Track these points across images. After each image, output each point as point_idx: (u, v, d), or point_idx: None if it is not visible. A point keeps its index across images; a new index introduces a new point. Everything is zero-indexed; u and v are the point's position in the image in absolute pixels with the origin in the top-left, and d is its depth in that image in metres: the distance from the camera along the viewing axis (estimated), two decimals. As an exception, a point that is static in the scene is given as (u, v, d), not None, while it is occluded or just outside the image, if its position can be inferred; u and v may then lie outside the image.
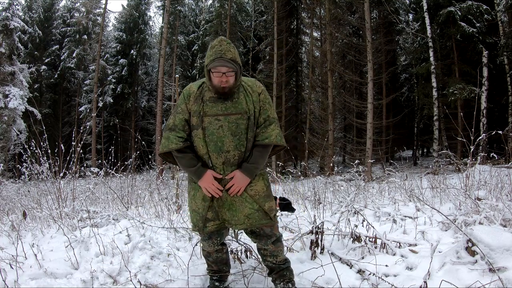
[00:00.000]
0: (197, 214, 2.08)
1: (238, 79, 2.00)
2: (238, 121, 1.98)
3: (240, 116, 1.99)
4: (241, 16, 24.30)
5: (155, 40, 33.51)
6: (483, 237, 2.16)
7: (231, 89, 1.98)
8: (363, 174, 9.85)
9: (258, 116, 2.05)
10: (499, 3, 12.88)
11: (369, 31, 13.18)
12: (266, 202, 2.07)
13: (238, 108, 1.99)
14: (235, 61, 1.93)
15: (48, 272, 2.40)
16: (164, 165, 8.74)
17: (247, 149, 2.02)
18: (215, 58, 1.90)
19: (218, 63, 1.89)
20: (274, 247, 2.14)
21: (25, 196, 5.48)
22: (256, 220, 2.03)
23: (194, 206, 2.09)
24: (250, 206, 2.02)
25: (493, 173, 4.52)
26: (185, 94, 2.07)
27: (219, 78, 1.93)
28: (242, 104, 2.00)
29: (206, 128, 1.98)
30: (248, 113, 2.00)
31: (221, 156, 1.98)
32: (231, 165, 2.00)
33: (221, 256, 2.27)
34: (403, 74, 22.72)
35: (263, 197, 2.06)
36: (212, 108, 1.99)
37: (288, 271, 2.21)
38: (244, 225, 2.03)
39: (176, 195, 4.69)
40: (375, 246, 2.86)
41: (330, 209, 4.52)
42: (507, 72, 12.75)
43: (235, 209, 2.02)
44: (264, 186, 2.09)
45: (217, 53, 1.90)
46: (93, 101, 21.87)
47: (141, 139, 16.74)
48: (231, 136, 1.97)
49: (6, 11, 18.97)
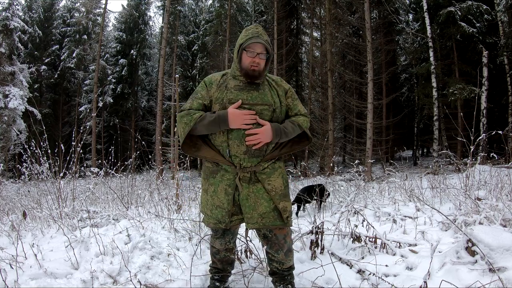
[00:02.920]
0: (222, 210, 2.00)
1: (266, 69, 2.00)
2: (264, 111, 1.95)
3: (266, 107, 1.96)
4: (241, 16, 24.32)
5: (155, 40, 33.52)
6: (483, 237, 2.16)
7: (260, 73, 1.96)
8: (363, 174, 9.85)
9: (287, 111, 2.10)
10: (499, 3, 12.87)
11: (369, 31, 13.17)
12: (282, 201, 2.01)
13: (264, 99, 1.97)
14: (270, 45, 1.96)
15: (48, 272, 2.39)
16: (164, 165, 8.73)
17: (271, 142, 1.96)
18: (252, 36, 1.91)
19: (255, 40, 1.90)
20: (284, 257, 2.09)
21: (25, 196, 5.48)
22: (270, 221, 1.97)
23: (218, 202, 2.00)
24: (266, 204, 1.97)
25: (493, 173, 4.52)
26: (207, 82, 2.05)
27: (251, 58, 1.92)
28: (268, 96, 1.99)
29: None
30: (274, 105, 1.99)
31: (243, 145, 1.92)
32: (252, 156, 1.94)
33: (229, 255, 2.23)
34: (403, 74, 22.72)
35: (280, 195, 2.00)
36: (237, 96, 1.95)
37: (289, 276, 2.18)
38: (257, 225, 1.97)
39: (176, 195, 4.69)
40: (375, 246, 2.86)
41: (330, 209, 4.52)
42: (507, 72, 12.74)
43: (249, 205, 1.96)
44: (282, 184, 2.04)
45: (254, 34, 1.93)
46: (93, 101, 21.86)
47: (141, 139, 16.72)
48: (254, 126, 1.92)
49: (6, 11, 18.97)
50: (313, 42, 20.98)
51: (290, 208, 2.06)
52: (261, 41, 1.90)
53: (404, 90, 21.93)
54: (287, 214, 2.02)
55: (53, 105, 28.75)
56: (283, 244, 2.06)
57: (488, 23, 13.81)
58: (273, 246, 2.06)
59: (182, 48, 27.40)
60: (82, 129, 4.87)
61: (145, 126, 29.89)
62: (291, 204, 2.10)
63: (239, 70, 1.98)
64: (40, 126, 5.30)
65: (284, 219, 2.00)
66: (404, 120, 19.99)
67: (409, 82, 21.86)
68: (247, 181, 1.97)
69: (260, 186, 1.97)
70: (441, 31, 14.77)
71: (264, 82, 2.04)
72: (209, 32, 24.27)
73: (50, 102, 28.65)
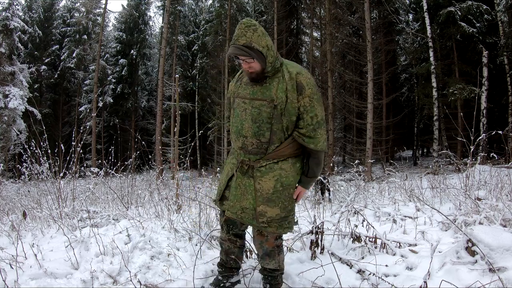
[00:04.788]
0: (218, 187, 2.16)
1: (268, 64, 1.83)
2: (261, 107, 1.86)
3: (265, 103, 1.85)
4: (241, 16, 24.29)
5: (155, 40, 33.52)
6: (483, 237, 2.16)
7: (259, 74, 1.86)
8: (363, 174, 9.85)
9: (297, 109, 1.86)
10: (499, 3, 12.88)
11: (369, 31, 13.17)
12: (262, 205, 1.92)
13: (265, 95, 1.86)
14: (250, 47, 1.76)
15: (48, 272, 2.39)
16: (164, 165, 8.74)
17: (271, 141, 1.89)
18: (232, 44, 1.80)
19: (230, 50, 1.80)
20: (262, 260, 2.14)
21: (25, 196, 5.47)
22: (248, 218, 1.96)
23: (221, 178, 2.16)
24: (251, 201, 1.94)
25: (493, 173, 4.52)
26: (235, 77, 2.14)
27: (242, 64, 1.86)
28: (271, 91, 1.85)
29: (235, 109, 2.00)
30: (275, 101, 1.84)
31: (239, 140, 1.95)
32: (248, 153, 1.92)
33: (232, 248, 2.22)
34: (403, 74, 22.74)
35: (264, 198, 1.92)
36: (243, 91, 1.96)
37: (271, 277, 2.17)
38: (235, 215, 1.99)
39: (176, 195, 4.69)
40: (375, 246, 2.86)
41: (330, 209, 4.52)
42: (507, 72, 12.75)
43: (235, 194, 1.98)
44: (272, 187, 1.92)
45: (233, 39, 1.81)
46: (93, 101, 21.87)
47: (141, 139, 16.73)
48: (251, 122, 1.88)
49: (6, 11, 18.97)
50: (313, 42, 20.98)
51: (272, 215, 1.94)
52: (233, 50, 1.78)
53: (404, 90, 21.94)
54: (264, 220, 1.94)
55: (53, 105, 28.75)
56: (259, 248, 2.11)
57: (488, 23, 13.81)
58: (255, 242, 2.14)
59: (182, 48, 27.41)
60: (82, 129, 4.86)
61: (145, 126, 29.89)
62: (278, 212, 1.95)
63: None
64: (40, 126, 5.30)
65: (259, 223, 1.95)
66: (404, 120, 20.00)
67: (409, 82, 21.87)
68: (243, 172, 1.97)
69: (251, 182, 1.94)
70: (441, 31, 14.77)
71: (277, 74, 1.88)
72: (209, 32, 24.27)
73: (50, 102, 28.65)
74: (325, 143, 1.95)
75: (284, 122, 1.87)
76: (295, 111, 1.87)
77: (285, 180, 1.94)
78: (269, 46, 1.81)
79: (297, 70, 1.89)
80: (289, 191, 1.97)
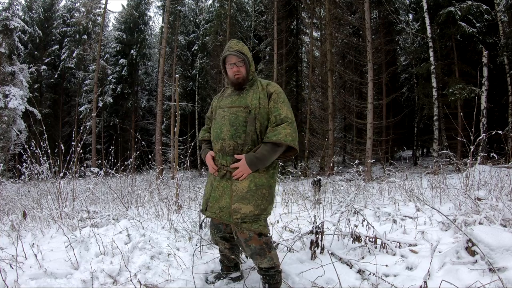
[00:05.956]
0: (204, 196, 2.34)
1: (250, 72, 2.26)
2: (238, 113, 2.17)
3: (241, 109, 2.18)
4: (241, 16, 24.31)
5: (155, 40, 33.50)
6: (483, 237, 2.16)
7: (244, 80, 2.24)
8: (363, 174, 9.85)
9: (268, 114, 2.18)
10: (499, 3, 12.87)
11: (369, 31, 13.17)
12: (237, 203, 2.09)
13: (242, 102, 2.20)
14: (241, 52, 2.21)
15: (48, 272, 2.39)
16: (164, 165, 8.74)
17: (245, 143, 2.14)
18: (226, 51, 2.24)
19: (228, 53, 2.22)
20: (253, 260, 2.23)
21: (25, 196, 5.47)
22: (226, 216, 2.12)
23: (205, 189, 2.36)
24: (228, 200, 2.12)
25: (493, 173, 4.52)
26: (217, 95, 2.45)
27: (231, 69, 2.23)
28: (247, 99, 2.20)
29: (215, 118, 2.28)
30: (250, 107, 2.17)
31: (218, 143, 2.20)
32: (226, 154, 2.17)
33: (223, 249, 2.42)
34: (403, 74, 22.72)
35: (238, 196, 2.10)
36: (224, 102, 2.29)
37: (271, 278, 2.23)
38: (214, 215, 2.17)
39: (176, 195, 4.69)
40: (375, 246, 2.86)
41: (330, 209, 4.52)
42: (507, 72, 12.74)
43: (214, 196, 2.18)
44: (246, 186, 2.11)
45: (227, 48, 2.25)
46: (93, 101, 21.84)
47: (141, 139, 16.74)
48: (229, 126, 2.16)
49: (6, 11, 18.95)
50: (313, 42, 20.96)
51: (246, 211, 2.08)
52: (232, 52, 2.20)
53: (404, 90, 21.92)
54: (238, 216, 2.08)
55: (53, 105, 28.73)
56: (245, 247, 2.18)
57: (488, 23, 13.80)
58: (240, 244, 2.22)
59: (182, 48, 27.40)
60: (82, 129, 4.87)
61: (145, 126, 29.88)
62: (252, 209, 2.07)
63: (228, 80, 2.31)
64: (40, 126, 5.30)
65: (233, 219, 2.09)
66: (404, 120, 19.99)
67: (409, 82, 21.86)
68: (221, 176, 2.19)
69: (228, 184, 2.15)
70: (441, 31, 14.76)
71: (253, 86, 2.26)
72: (209, 32, 24.25)
73: (50, 102, 28.61)
74: (288, 137, 2.09)
75: (257, 126, 2.15)
76: (267, 116, 2.19)
77: (258, 180, 2.14)
78: (251, 60, 2.28)
79: (267, 82, 2.31)
80: (262, 191, 2.14)
